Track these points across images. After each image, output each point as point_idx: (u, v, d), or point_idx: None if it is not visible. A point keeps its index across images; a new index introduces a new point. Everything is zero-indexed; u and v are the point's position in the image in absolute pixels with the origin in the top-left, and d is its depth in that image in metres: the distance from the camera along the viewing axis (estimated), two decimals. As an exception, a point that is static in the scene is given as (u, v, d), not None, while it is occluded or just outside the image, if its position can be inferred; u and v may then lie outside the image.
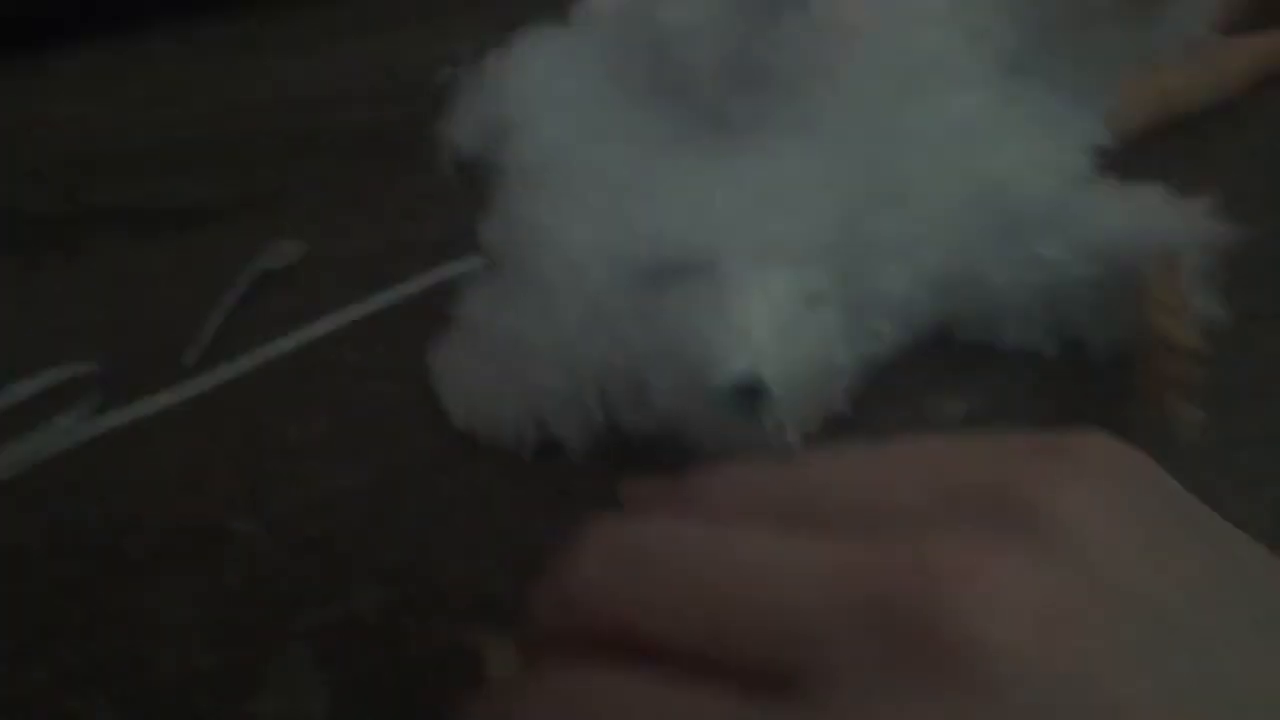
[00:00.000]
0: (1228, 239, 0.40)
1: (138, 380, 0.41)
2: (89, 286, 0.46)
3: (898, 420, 0.42)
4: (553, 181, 0.37)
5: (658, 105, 0.38)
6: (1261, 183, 0.49)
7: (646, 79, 0.38)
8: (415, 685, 0.33)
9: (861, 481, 0.21)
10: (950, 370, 0.43)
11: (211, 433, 0.41)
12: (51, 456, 0.39)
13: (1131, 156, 0.44)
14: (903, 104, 0.39)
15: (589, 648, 0.21)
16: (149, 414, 0.40)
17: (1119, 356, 0.43)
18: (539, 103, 0.39)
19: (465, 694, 0.33)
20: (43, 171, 0.52)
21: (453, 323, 0.41)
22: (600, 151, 0.38)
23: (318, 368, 0.43)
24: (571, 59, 0.40)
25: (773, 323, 0.34)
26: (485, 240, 0.38)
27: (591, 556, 0.22)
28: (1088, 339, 0.43)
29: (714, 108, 0.37)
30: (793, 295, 0.35)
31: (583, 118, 0.39)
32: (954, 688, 0.17)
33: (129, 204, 0.50)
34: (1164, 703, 0.16)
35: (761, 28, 0.35)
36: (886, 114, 0.39)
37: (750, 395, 0.33)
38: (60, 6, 0.60)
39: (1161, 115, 0.50)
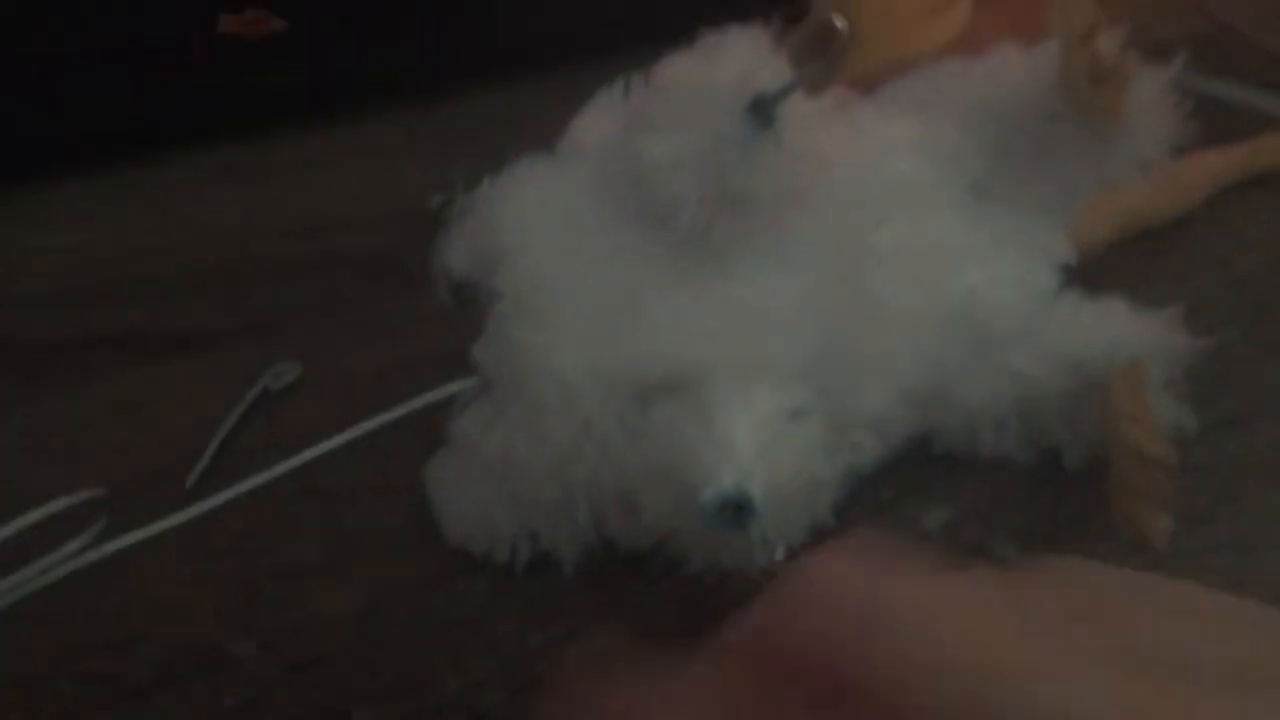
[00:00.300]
0: (1191, 349, 0.42)
1: (141, 504, 0.42)
2: (92, 412, 0.47)
3: (879, 529, 0.43)
4: (543, 303, 0.38)
5: (643, 230, 0.39)
6: (1223, 292, 0.51)
7: (632, 206, 0.40)
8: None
9: None
10: (930, 480, 0.45)
11: (210, 554, 0.42)
12: (57, 581, 0.40)
13: (1096, 269, 0.46)
14: (876, 227, 0.41)
15: None
16: (150, 537, 0.41)
17: (1092, 464, 0.44)
18: (529, 228, 0.41)
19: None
20: (44, 299, 0.53)
21: (446, 441, 0.42)
22: (589, 275, 0.39)
23: (313, 489, 0.44)
24: (560, 186, 0.42)
25: (757, 439, 0.35)
26: (478, 360, 0.40)
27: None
28: (1061, 448, 0.44)
29: (696, 232, 0.38)
30: (776, 411, 0.37)
31: (571, 242, 0.40)
32: None
33: (131, 331, 0.51)
34: None
35: (738, 159, 0.37)
36: (860, 237, 0.40)
37: (737, 510, 0.34)
38: (62, 131, 0.62)
39: (1123, 231, 0.52)
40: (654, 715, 0.26)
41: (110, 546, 0.40)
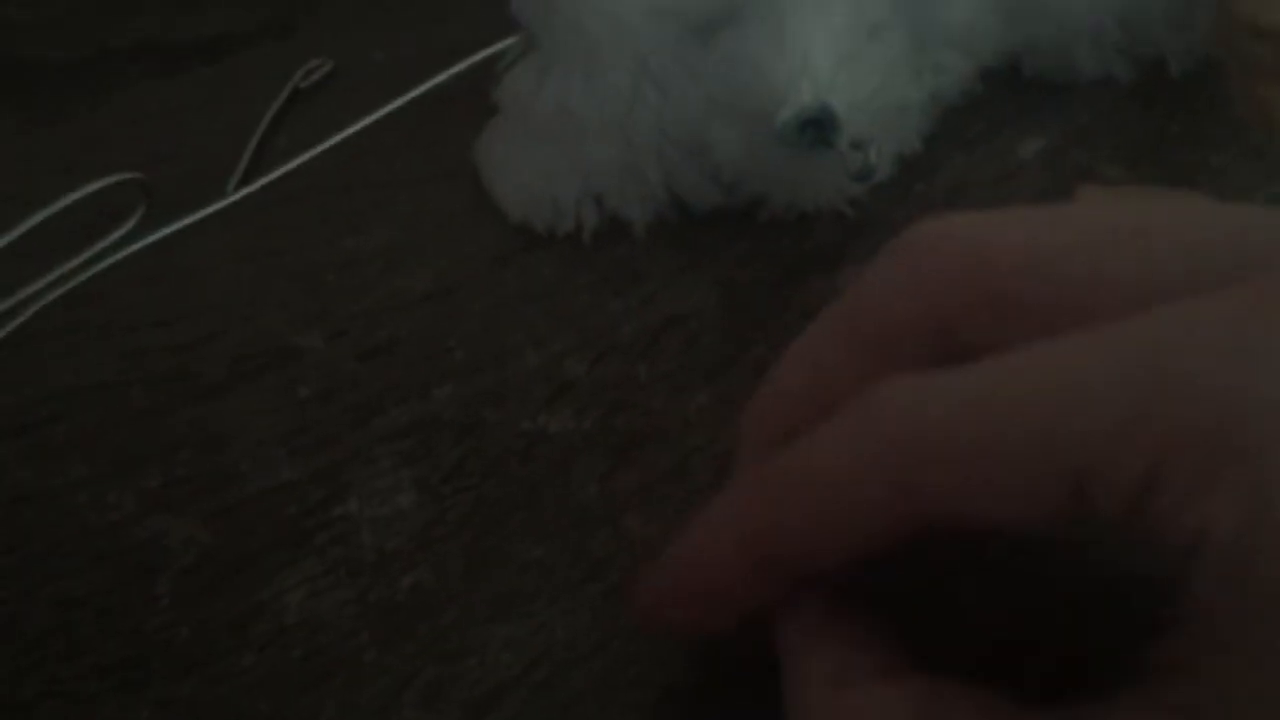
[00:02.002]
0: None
1: (181, 207, 0.40)
2: (116, 127, 0.45)
3: (972, 161, 0.40)
4: (583, -67, 0.34)
5: None
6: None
7: None
8: (499, 473, 0.32)
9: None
10: (1024, 109, 0.41)
11: (267, 251, 0.40)
12: (110, 289, 0.38)
13: None
14: None
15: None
16: (199, 236, 0.39)
17: (1203, 71, 0.40)
18: None
19: (551, 476, 0.32)
20: (52, 21, 0.50)
21: (497, 112, 0.39)
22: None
23: (364, 180, 0.42)
24: None
25: (836, 53, 0.32)
26: (518, 11, 0.36)
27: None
28: (1168, 55, 0.40)
29: None
30: (854, 25, 0.33)
31: None
32: None
33: (146, 41, 0.48)
34: None
35: None
36: None
37: (820, 128, 0.31)
38: None
39: None
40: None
41: (157, 234, 0.38)
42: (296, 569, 0.31)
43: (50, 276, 0.37)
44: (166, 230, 0.39)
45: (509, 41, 0.38)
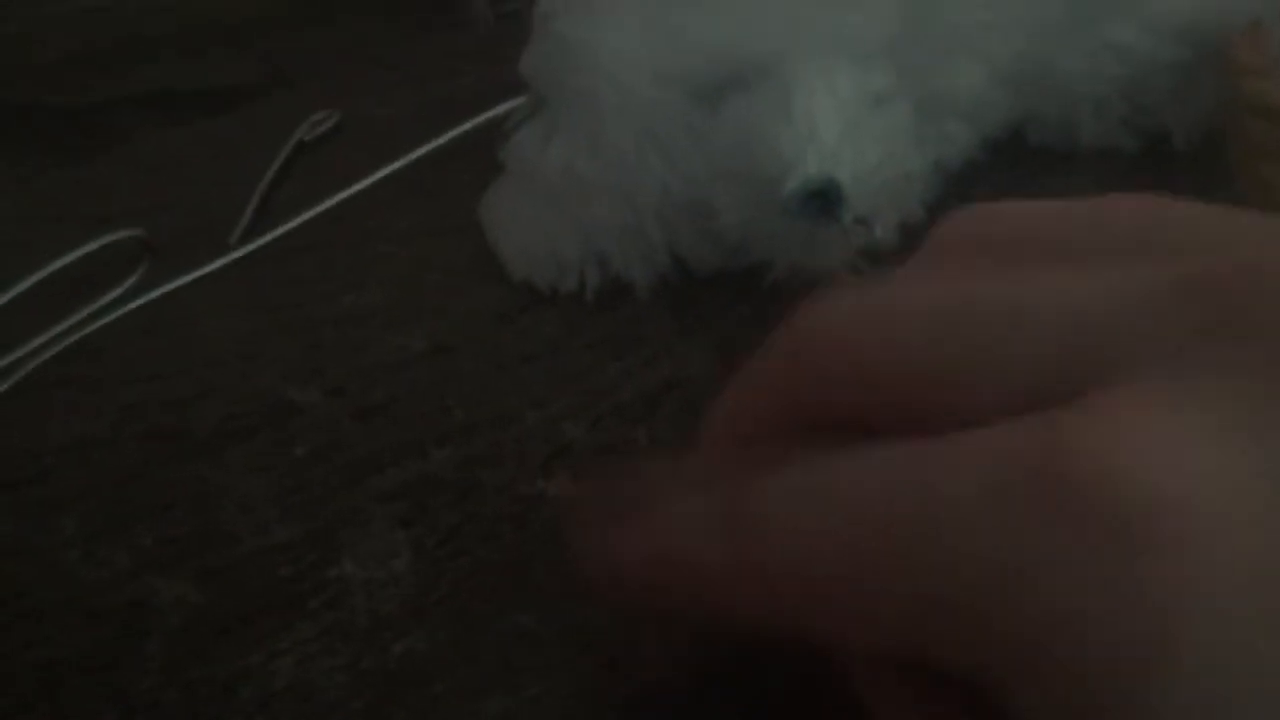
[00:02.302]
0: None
1: (182, 260, 0.40)
2: (124, 176, 0.45)
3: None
4: (592, -2, 0.34)
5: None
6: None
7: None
8: (495, 538, 0.32)
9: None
10: (1027, 177, 0.41)
11: (265, 306, 0.39)
12: (107, 343, 0.38)
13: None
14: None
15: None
16: (199, 289, 0.39)
17: (1205, 144, 0.40)
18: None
19: (547, 541, 0.32)
20: (64, 66, 0.50)
21: (500, 171, 0.39)
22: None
23: (366, 235, 0.42)
24: None
25: (841, 124, 0.32)
26: (526, 73, 0.36)
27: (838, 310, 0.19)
28: (1172, 127, 0.40)
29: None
30: (859, 95, 0.33)
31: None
32: None
33: (156, 91, 0.48)
34: None
35: None
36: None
37: (825, 200, 0.31)
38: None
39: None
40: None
41: (158, 291, 0.38)
42: (289, 633, 0.30)
43: (48, 334, 0.37)
44: (166, 287, 0.38)
45: (516, 102, 0.38)
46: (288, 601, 0.31)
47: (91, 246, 0.35)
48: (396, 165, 0.41)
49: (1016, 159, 0.41)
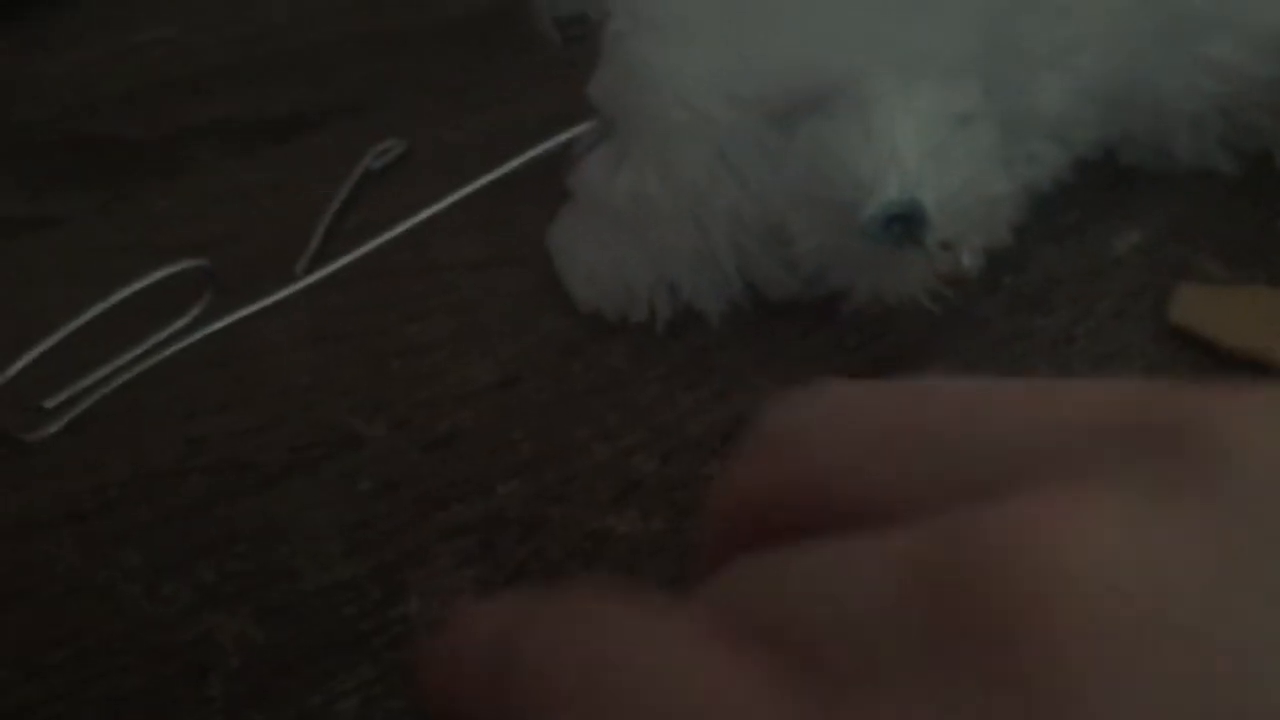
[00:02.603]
0: None
1: (249, 290, 0.40)
2: (189, 206, 0.44)
3: (1064, 254, 0.38)
4: (663, 19, 0.33)
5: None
6: None
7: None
8: (564, 574, 0.31)
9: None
10: (1120, 200, 0.39)
11: (331, 337, 0.39)
12: (173, 374, 0.37)
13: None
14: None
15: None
16: (264, 320, 0.38)
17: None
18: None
19: (616, 579, 0.31)
20: (132, 98, 0.51)
21: (568, 198, 0.38)
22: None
23: (433, 264, 0.41)
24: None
25: (923, 145, 0.30)
26: (595, 97, 0.35)
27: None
28: (1273, 147, 0.38)
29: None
30: (942, 114, 0.32)
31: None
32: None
33: (223, 122, 0.48)
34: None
35: None
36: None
37: (908, 224, 0.30)
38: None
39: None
40: None
41: (223, 322, 0.37)
42: (352, 673, 0.29)
43: (113, 364, 0.37)
44: (231, 318, 0.38)
45: (584, 127, 0.37)
46: (351, 641, 0.30)
47: (156, 277, 0.35)
48: (462, 193, 0.40)
49: (1109, 180, 0.39)
